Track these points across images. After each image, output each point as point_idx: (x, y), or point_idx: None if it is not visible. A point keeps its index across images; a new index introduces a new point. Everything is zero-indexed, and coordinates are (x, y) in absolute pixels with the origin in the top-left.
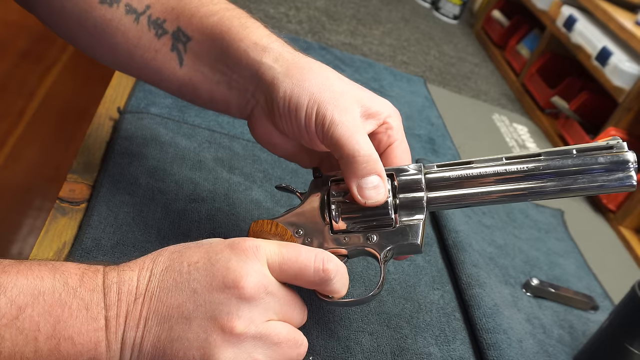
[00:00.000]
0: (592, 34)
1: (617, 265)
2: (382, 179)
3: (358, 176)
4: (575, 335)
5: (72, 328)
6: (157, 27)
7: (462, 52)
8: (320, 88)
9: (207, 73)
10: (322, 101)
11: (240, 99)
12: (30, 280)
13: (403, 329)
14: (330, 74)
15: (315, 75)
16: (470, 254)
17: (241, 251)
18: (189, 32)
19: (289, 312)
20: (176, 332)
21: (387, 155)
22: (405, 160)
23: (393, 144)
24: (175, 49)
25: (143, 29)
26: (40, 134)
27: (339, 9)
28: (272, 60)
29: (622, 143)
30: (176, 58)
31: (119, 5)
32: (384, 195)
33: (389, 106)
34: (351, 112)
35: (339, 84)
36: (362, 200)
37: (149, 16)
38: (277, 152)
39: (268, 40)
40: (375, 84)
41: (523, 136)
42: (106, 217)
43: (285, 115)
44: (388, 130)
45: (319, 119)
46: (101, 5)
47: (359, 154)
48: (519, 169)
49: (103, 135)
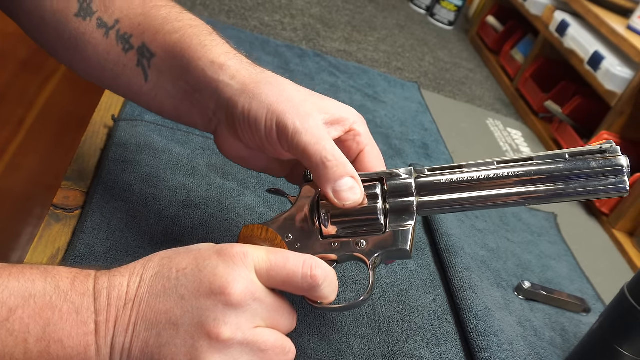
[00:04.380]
0: (584, 39)
1: (610, 268)
2: (355, 179)
3: (331, 181)
4: (567, 337)
5: (62, 331)
6: (125, 42)
7: (457, 58)
8: (278, 99)
9: (170, 90)
10: (280, 112)
11: (203, 116)
12: (21, 283)
13: (394, 332)
14: (288, 86)
15: (272, 88)
16: (462, 258)
17: (229, 257)
18: (153, 49)
19: (277, 318)
20: (164, 338)
21: (359, 162)
22: (378, 165)
23: (364, 150)
24: (141, 65)
25: (112, 43)
26: (40, 143)
27: (334, 16)
28: (228, 78)
29: (616, 147)
30: (142, 73)
31: (91, 19)
32: (360, 195)
33: (353, 113)
34: (313, 119)
35: (297, 94)
36: (340, 204)
37: (118, 31)
38: (247, 165)
39: (225, 58)
40: (370, 90)
41: (517, 140)
42: (100, 223)
43: (246, 129)
44: (356, 137)
45: (280, 130)
46: (76, 18)
47: (327, 159)
48: (510, 174)
49: (97, 143)
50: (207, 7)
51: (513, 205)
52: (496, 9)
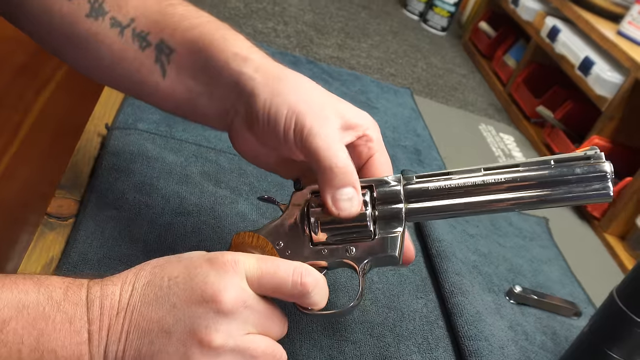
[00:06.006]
0: (575, 44)
1: (601, 272)
2: (356, 191)
3: (333, 187)
4: (558, 341)
5: (55, 341)
6: (141, 39)
7: (449, 64)
8: (300, 99)
9: (189, 84)
10: (300, 111)
11: (221, 109)
12: (14, 294)
13: (386, 338)
14: (310, 86)
15: (294, 87)
16: (454, 263)
17: (220, 265)
18: (172, 45)
19: (268, 325)
20: (156, 346)
21: (368, 167)
22: (386, 172)
23: (373, 155)
24: (159, 61)
25: (127, 42)
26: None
27: (327, 22)
28: (252, 71)
29: (600, 153)
30: (159, 70)
31: (104, 19)
32: (357, 207)
33: (368, 118)
34: (330, 123)
35: (319, 95)
36: (335, 212)
37: (133, 29)
38: (257, 162)
39: (249, 51)
40: (362, 97)
41: (509, 145)
42: (93, 231)
43: (265, 125)
44: (368, 142)
45: (297, 129)
46: (87, 18)
47: (336, 165)
48: (497, 180)
49: (91, 152)
50: None
51: (500, 211)
52: (488, 15)
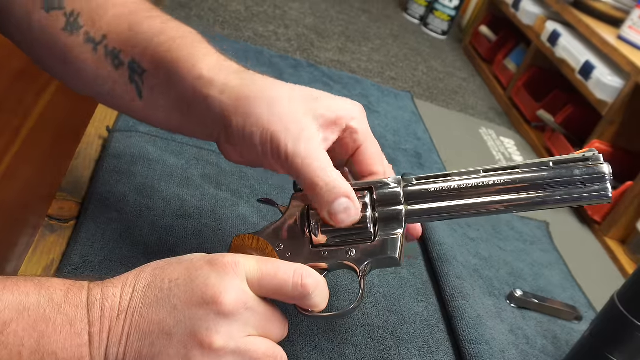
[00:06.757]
0: (575, 49)
1: (602, 276)
2: (350, 199)
3: (325, 204)
4: (559, 345)
5: (56, 343)
6: (114, 57)
7: (450, 67)
8: (271, 117)
9: (165, 105)
10: (274, 131)
11: (202, 127)
12: (15, 296)
13: (387, 341)
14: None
15: (264, 103)
16: (455, 267)
17: (220, 267)
18: (144, 64)
19: (269, 327)
20: (157, 348)
21: (358, 159)
22: (377, 162)
23: (361, 147)
24: (134, 82)
25: (101, 59)
26: (35, 153)
27: (327, 26)
28: (218, 93)
29: (598, 155)
30: (135, 90)
31: (78, 34)
32: (355, 214)
33: (350, 109)
34: (306, 135)
35: (290, 103)
36: (335, 225)
37: (106, 46)
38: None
39: (213, 72)
40: (363, 100)
41: (510, 149)
42: (94, 234)
43: (243, 144)
44: (353, 134)
45: (274, 151)
46: (63, 32)
47: (319, 185)
48: (496, 182)
49: (92, 154)
50: (202, 19)
51: (500, 212)
52: (489, 19)
